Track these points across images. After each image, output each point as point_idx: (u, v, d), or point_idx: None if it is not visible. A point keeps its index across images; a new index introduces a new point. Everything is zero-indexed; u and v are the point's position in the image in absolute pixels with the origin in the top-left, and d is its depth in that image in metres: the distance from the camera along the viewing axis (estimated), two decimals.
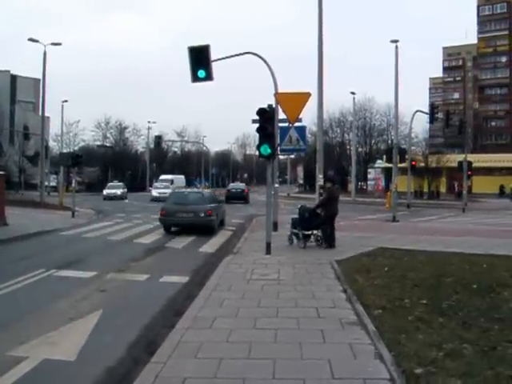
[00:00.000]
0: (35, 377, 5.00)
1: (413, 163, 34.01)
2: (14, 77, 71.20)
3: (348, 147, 68.34)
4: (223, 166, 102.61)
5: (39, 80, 41.39)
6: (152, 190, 46.30)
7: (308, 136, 33.68)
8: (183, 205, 18.25)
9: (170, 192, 26.84)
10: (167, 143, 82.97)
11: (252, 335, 5.87)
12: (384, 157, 46.97)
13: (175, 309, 7.44)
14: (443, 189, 51.97)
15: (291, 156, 51.90)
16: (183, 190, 23.30)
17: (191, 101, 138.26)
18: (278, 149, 15.93)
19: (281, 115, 16.26)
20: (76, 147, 66.85)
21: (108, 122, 79.19)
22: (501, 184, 52.39)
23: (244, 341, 5.64)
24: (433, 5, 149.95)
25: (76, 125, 67.67)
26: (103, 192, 47.66)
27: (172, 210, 18.05)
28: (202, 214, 17.72)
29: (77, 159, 25.95)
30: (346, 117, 67.52)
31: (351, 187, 49.08)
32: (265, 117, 12.35)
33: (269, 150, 12.12)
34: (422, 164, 46.13)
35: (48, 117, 49.96)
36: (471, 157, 40.10)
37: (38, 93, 43.97)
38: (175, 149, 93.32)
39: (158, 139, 63.85)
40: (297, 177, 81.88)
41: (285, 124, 16.58)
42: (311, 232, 13.59)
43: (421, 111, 32.61)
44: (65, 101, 49.48)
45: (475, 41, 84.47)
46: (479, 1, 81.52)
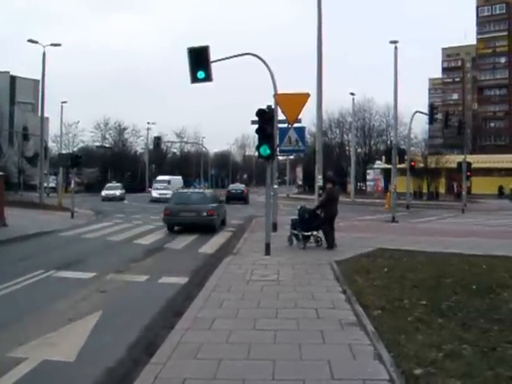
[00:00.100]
0: (34, 378, 4.99)
1: (412, 164, 34.02)
2: (14, 78, 71.23)
3: (347, 148, 68.34)
4: (222, 167, 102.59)
5: (38, 81, 41.36)
6: (152, 191, 46.06)
7: (307, 137, 33.76)
8: (186, 204, 18.76)
9: (173, 192, 27.24)
10: (166, 144, 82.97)
11: (251, 336, 5.87)
12: (383, 157, 46.90)
13: (175, 310, 7.43)
14: (442, 189, 52.02)
15: (290, 157, 52.02)
16: (186, 191, 23.78)
17: (190, 102, 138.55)
18: (278, 150, 15.95)
19: (280, 116, 16.29)
20: (75, 148, 66.97)
21: (107, 123, 79.38)
22: (500, 185, 52.44)
23: (243, 342, 5.64)
24: (432, 5, 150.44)
25: (75, 126, 67.86)
26: (102, 193, 46.89)
27: (175, 210, 18.54)
28: (204, 214, 18.21)
29: (76, 160, 25.96)
30: (346, 117, 67.66)
31: (350, 188, 49.08)
32: (264, 118, 12.36)
33: (268, 151, 12.11)
34: (422, 165, 46.15)
35: (47, 118, 49.96)
36: (470, 157, 40.18)
37: (38, 94, 44.02)
38: (174, 150, 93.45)
39: (158, 140, 63.87)
40: (296, 178, 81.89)
41: (284, 125, 16.61)
42: (311, 233, 13.59)
43: (420, 112, 32.63)
44: (64, 102, 49.48)
45: (474, 41, 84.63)
46: (478, 1, 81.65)
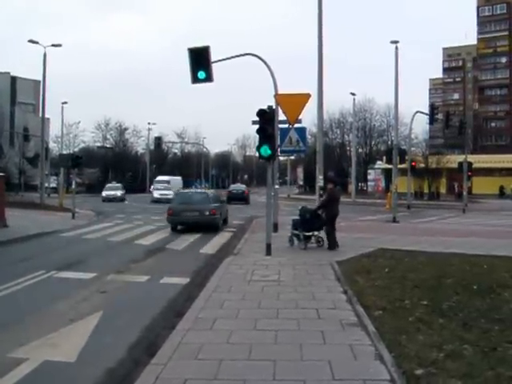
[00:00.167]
0: (35, 378, 4.99)
1: (413, 164, 34.01)
2: (14, 78, 71.28)
3: (348, 148, 68.36)
4: (223, 168, 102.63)
5: (39, 81, 41.44)
6: (153, 192, 45.67)
7: (308, 137, 33.68)
8: (189, 204, 19.21)
9: (175, 193, 28.14)
10: (167, 144, 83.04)
11: (252, 336, 5.86)
12: (384, 158, 46.88)
13: (176, 310, 7.43)
14: (443, 190, 51.99)
15: (291, 157, 52.03)
16: (189, 191, 24.42)
17: (191, 102, 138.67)
18: (278, 150, 15.94)
19: (281, 116, 16.29)
20: (76, 148, 67.12)
21: (108, 124, 79.43)
22: (501, 185, 52.42)
23: (244, 342, 5.64)
24: (432, 6, 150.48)
25: (76, 126, 68.04)
26: (102, 194, 45.90)
27: (178, 210, 18.98)
28: (207, 213, 18.64)
29: (77, 160, 25.98)
30: (346, 118, 67.66)
31: (351, 188, 49.08)
32: (265, 118, 12.35)
33: (269, 152, 12.11)
34: (422, 165, 46.13)
35: (48, 118, 49.98)
36: (471, 158, 40.11)
37: (38, 94, 44.01)
38: (175, 150, 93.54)
39: (158, 140, 63.92)
40: (297, 178, 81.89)
41: (285, 125, 16.61)
42: (312, 233, 13.57)
43: (421, 112, 32.59)
44: (65, 102, 49.52)
45: (475, 42, 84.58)
46: (479, 1, 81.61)
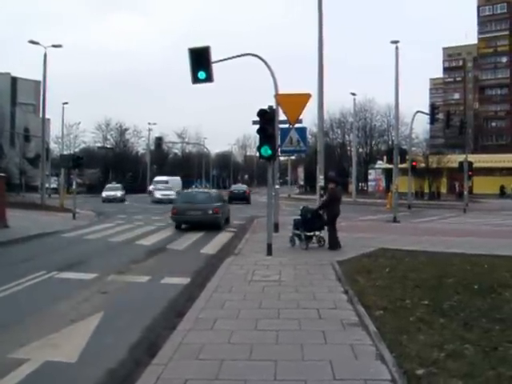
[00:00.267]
0: (36, 379, 4.99)
1: (413, 164, 33.98)
2: (15, 79, 71.18)
3: (348, 148, 68.35)
4: (224, 168, 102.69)
5: (39, 82, 41.47)
6: (154, 192, 45.29)
7: (308, 137, 33.73)
8: (192, 203, 19.78)
9: (179, 192, 28.60)
10: (168, 145, 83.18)
11: (253, 336, 5.86)
12: (384, 157, 46.98)
13: (176, 310, 7.43)
14: (444, 189, 51.95)
15: (292, 157, 52.00)
16: (192, 190, 25.09)
17: (191, 102, 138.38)
18: (279, 150, 15.94)
19: (281, 116, 16.28)
20: (77, 149, 67.26)
21: (108, 124, 79.61)
22: (501, 184, 52.37)
23: (245, 342, 5.64)
24: (433, 6, 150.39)
25: (76, 127, 68.17)
26: (102, 194, 45.44)
27: (182, 209, 19.57)
28: (210, 212, 19.17)
29: (77, 161, 25.98)
30: (347, 118, 67.64)
31: (352, 188, 49.10)
32: (265, 118, 12.34)
33: (269, 152, 12.11)
34: (423, 165, 46.07)
35: (48, 119, 49.89)
36: (472, 157, 40.07)
37: (39, 95, 43.96)
38: (176, 150, 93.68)
39: (159, 141, 64.02)
40: (297, 178, 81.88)
41: (285, 125, 16.60)
42: (313, 233, 13.57)
43: (421, 112, 32.58)
44: (65, 103, 49.58)
45: (475, 41, 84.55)
46: (479, 1, 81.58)
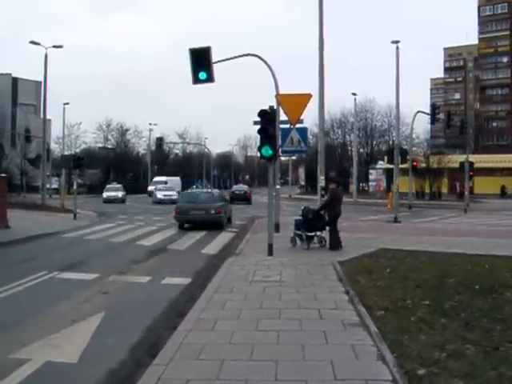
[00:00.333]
0: (38, 379, 4.99)
1: (414, 164, 34.00)
2: (16, 79, 71.22)
3: (349, 148, 68.29)
4: (225, 168, 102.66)
5: (40, 82, 41.44)
6: (156, 192, 44.68)
7: (309, 137, 33.71)
8: (195, 203, 20.20)
9: (181, 193, 28.83)
10: (169, 145, 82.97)
11: (254, 337, 5.86)
12: (385, 158, 46.89)
13: (177, 311, 7.43)
14: (445, 189, 51.90)
15: (293, 157, 51.99)
16: (195, 191, 25.39)
17: (192, 102, 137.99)
18: (280, 150, 15.95)
19: (282, 116, 16.28)
20: (77, 149, 67.25)
21: (109, 124, 79.53)
22: (502, 185, 52.30)
23: (246, 342, 5.64)
24: (433, 6, 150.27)
25: (77, 127, 68.18)
26: (103, 195, 44.70)
27: (185, 208, 20.01)
28: (213, 212, 19.65)
29: (78, 161, 26.02)
30: (348, 118, 67.51)
31: (353, 188, 49.09)
32: (266, 118, 12.35)
33: (270, 152, 12.11)
34: (424, 165, 46.08)
35: (49, 119, 49.89)
36: (473, 157, 40.04)
37: (40, 95, 43.96)
38: (177, 151, 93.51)
39: (160, 141, 63.86)
40: (298, 178, 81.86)
41: (286, 125, 16.61)
42: (314, 233, 13.56)
43: (422, 112, 32.60)
44: (66, 103, 49.41)
45: (476, 41, 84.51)
46: (480, 1, 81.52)
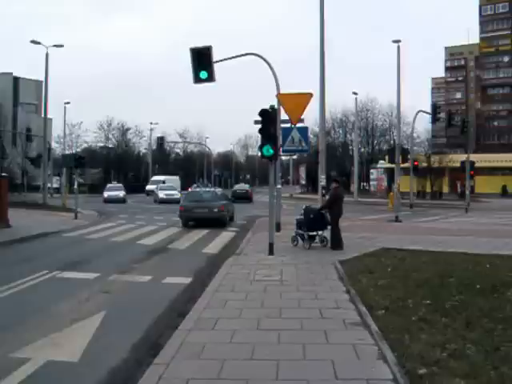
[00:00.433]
0: (39, 378, 5.00)
1: (415, 163, 34.01)
2: (17, 79, 71.24)
3: (350, 148, 68.24)
4: (226, 167, 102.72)
5: (41, 82, 41.54)
6: (158, 192, 43.79)
7: (310, 137, 33.72)
8: (199, 202, 20.88)
9: (184, 192, 29.21)
10: (170, 144, 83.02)
11: (255, 336, 5.87)
12: (386, 157, 46.80)
13: (178, 310, 7.44)
14: (446, 189, 51.83)
15: (294, 157, 51.87)
16: (199, 190, 26.11)
17: (193, 102, 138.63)
18: (281, 149, 15.94)
19: (283, 116, 16.28)
20: (78, 149, 67.34)
21: (110, 124, 79.51)
22: (503, 184, 52.21)
23: (247, 342, 5.64)
24: (434, 5, 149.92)
25: (78, 126, 68.17)
26: (104, 194, 43.80)
27: (189, 207, 20.64)
28: (216, 210, 20.18)
29: (79, 161, 26.06)
30: (348, 117, 67.57)
31: (354, 187, 49.07)
32: (267, 118, 12.32)
33: (271, 151, 12.10)
34: (425, 164, 46.02)
35: (50, 119, 49.92)
36: (474, 157, 40.01)
37: (41, 95, 44.17)
38: (178, 150, 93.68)
39: (161, 140, 63.86)
40: (299, 177, 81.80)
41: (287, 125, 16.59)
42: (316, 233, 13.56)
43: (423, 111, 32.64)
44: (67, 102, 49.54)
45: (477, 40, 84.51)
46: (481, 1, 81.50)
